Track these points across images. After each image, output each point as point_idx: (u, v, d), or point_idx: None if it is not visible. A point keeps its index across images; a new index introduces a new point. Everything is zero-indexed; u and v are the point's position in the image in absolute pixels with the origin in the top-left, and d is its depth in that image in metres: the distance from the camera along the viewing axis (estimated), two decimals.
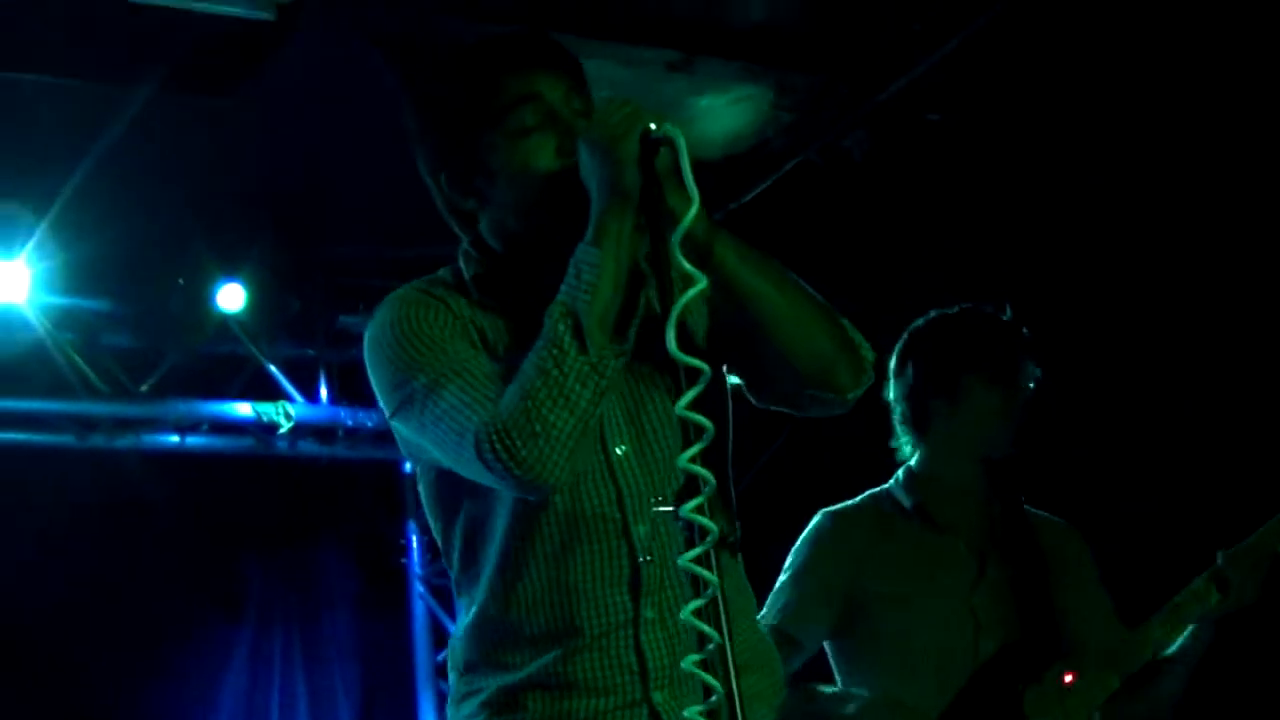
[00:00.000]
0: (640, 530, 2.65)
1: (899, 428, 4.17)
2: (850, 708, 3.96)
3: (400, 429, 2.74)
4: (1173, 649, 3.98)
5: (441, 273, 2.84)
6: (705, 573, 2.42)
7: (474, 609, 2.75)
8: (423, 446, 2.70)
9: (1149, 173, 5.61)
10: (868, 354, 2.76)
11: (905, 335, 4.20)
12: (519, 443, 2.47)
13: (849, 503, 4.20)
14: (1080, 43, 5.36)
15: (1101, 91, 5.51)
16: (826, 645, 4.13)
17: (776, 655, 2.90)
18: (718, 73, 5.61)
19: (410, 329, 2.68)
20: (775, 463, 6.38)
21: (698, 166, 2.46)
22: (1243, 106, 5.30)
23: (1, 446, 6.67)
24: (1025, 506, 4.17)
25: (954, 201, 6.00)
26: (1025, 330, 4.13)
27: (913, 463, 4.16)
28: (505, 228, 2.74)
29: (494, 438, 2.47)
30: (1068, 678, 3.96)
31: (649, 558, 2.64)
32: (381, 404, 2.77)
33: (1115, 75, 5.42)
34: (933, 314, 4.20)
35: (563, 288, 2.54)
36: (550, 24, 5.03)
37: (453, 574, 2.83)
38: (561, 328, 2.50)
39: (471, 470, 2.57)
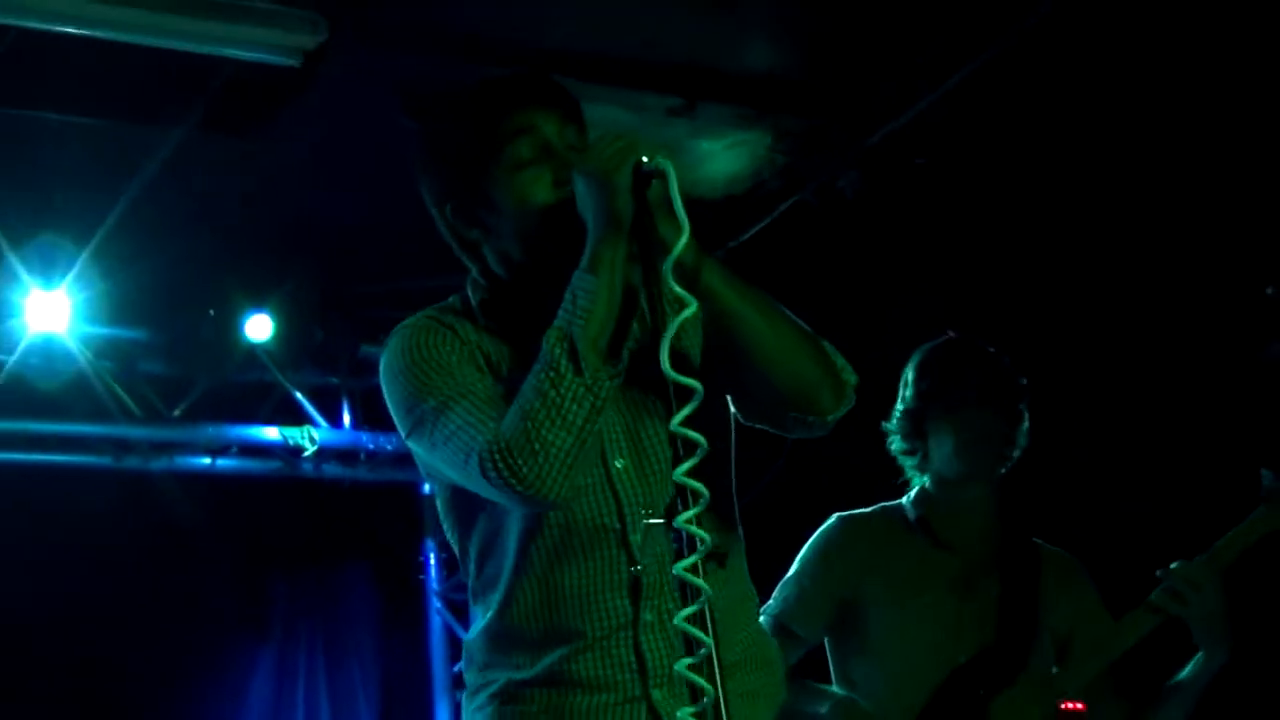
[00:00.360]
0: (637, 539, 2.69)
1: (905, 466, 4.23)
2: (823, 707, 4.00)
3: (415, 448, 2.80)
4: (1181, 675, 4.02)
5: (451, 300, 2.89)
6: (698, 580, 2.47)
7: (489, 614, 2.81)
8: (435, 465, 2.76)
9: (1125, 206, 5.65)
10: (849, 378, 2.79)
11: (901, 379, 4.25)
12: (520, 461, 2.51)
13: (862, 510, 4.26)
14: (1055, 92, 5.43)
15: (1076, 134, 5.57)
16: (826, 642, 4.19)
17: (778, 655, 2.95)
18: (717, 117, 5.66)
19: (421, 355, 2.73)
20: (781, 477, 6.44)
21: (699, 205, 2.49)
22: (1216, 142, 5.36)
23: (43, 468, 6.69)
24: (1035, 540, 4.22)
25: (939, 238, 6.02)
26: (991, 351, 4.16)
27: (926, 482, 4.19)
28: (508, 256, 2.78)
29: (497, 457, 2.52)
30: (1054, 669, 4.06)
31: (646, 565, 2.69)
32: (397, 425, 2.81)
33: (1089, 118, 5.48)
34: (914, 355, 4.24)
35: (559, 313, 2.57)
36: (560, 70, 5.11)
37: (469, 582, 2.89)
38: (558, 351, 2.53)
39: (478, 486, 2.62)
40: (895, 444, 4.21)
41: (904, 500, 4.24)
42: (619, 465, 2.74)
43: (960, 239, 5.94)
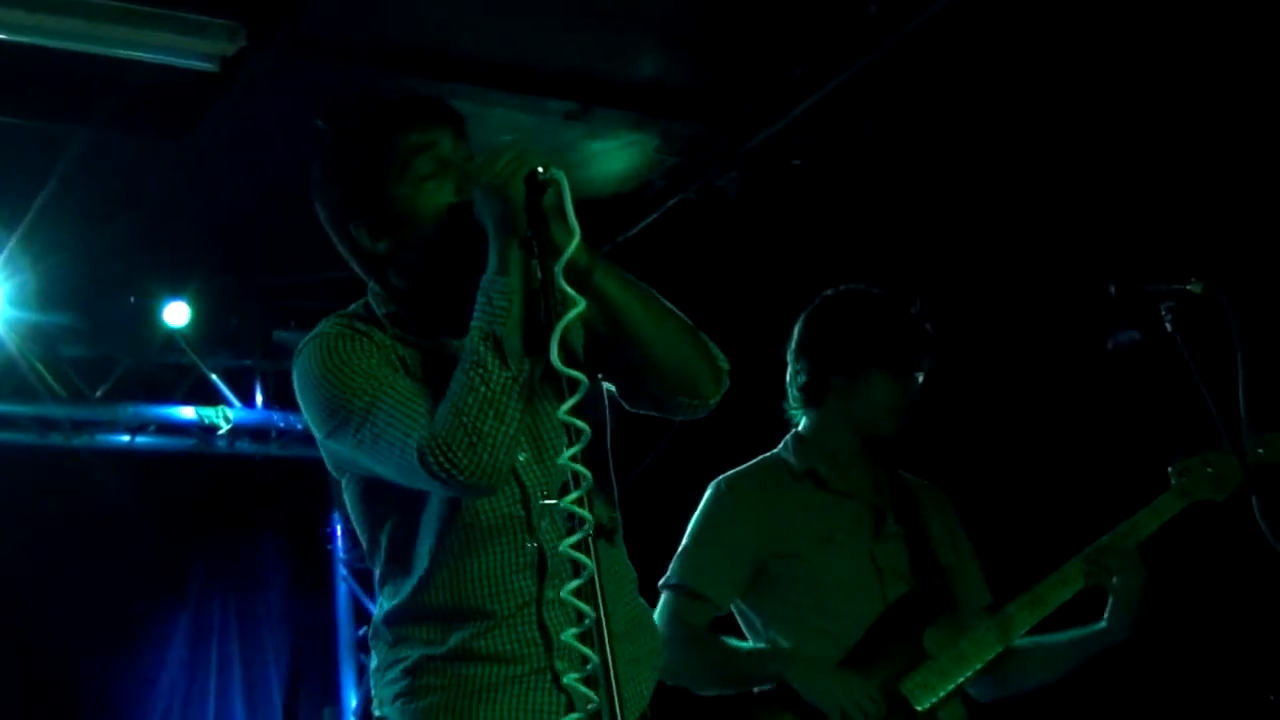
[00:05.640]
0: (543, 524, 2.71)
1: (794, 392, 3.99)
2: (766, 665, 3.78)
3: (335, 448, 2.75)
4: (1071, 635, 3.84)
5: (355, 308, 2.85)
6: (581, 556, 2.44)
7: (398, 596, 2.79)
8: (356, 461, 2.72)
9: (983, 204, 5.72)
10: (723, 364, 2.81)
11: (818, 304, 4.00)
12: (459, 453, 2.49)
13: (742, 469, 4.02)
14: (915, 100, 5.50)
15: (933, 139, 5.67)
16: (736, 603, 3.94)
17: (654, 623, 2.97)
18: (610, 121, 5.67)
19: (340, 359, 2.69)
20: (663, 457, 6.47)
21: (593, 203, 2.52)
22: (1065, 154, 5.44)
23: None
24: (901, 473, 4.05)
25: (813, 233, 6.07)
26: (929, 327, 3.94)
27: (801, 428, 4.01)
28: (413, 265, 2.76)
29: (436, 451, 2.50)
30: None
31: (548, 547, 2.70)
32: (314, 428, 2.77)
33: (946, 126, 5.59)
34: (845, 289, 3.99)
35: (476, 313, 2.56)
36: (466, 78, 5.14)
37: (377, 569, 2.86)
38: (484, 349, 2.53)
39: (413, 479, 2.59)
40: (803, 377, 3.96)
41: (781, 451, 4.04)
42: (522, 459, 2.72)
43: (830, 234, 5.99)
